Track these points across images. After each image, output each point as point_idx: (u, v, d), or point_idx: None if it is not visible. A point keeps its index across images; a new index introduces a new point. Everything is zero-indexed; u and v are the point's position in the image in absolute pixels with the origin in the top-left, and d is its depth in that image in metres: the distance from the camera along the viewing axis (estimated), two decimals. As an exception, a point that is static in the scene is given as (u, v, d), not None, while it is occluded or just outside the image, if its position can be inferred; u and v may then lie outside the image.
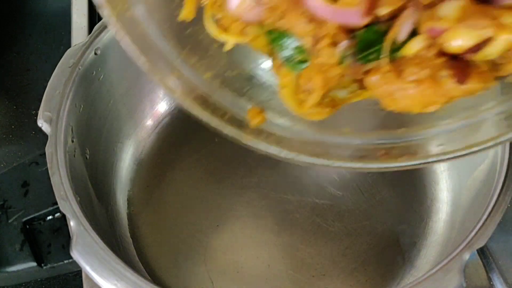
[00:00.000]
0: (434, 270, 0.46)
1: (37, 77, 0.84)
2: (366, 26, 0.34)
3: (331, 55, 0.35)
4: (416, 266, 0.60)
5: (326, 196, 0.66)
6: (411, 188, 0.67)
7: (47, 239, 0.65)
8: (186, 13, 0.39)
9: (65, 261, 0.65)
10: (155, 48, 0.41)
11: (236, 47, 0.41)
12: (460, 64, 0.33)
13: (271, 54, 0.40)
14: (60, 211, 0.50)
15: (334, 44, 0.34)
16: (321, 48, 0.35)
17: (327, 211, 0.64)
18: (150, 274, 0.60)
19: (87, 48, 0.60)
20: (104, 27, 0.60)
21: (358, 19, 0.32)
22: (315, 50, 0.35)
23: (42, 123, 0.56)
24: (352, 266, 0.60)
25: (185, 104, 0.41)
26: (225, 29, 0.39)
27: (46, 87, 0.58)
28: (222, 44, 0.41)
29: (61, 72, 0.59)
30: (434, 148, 0.41)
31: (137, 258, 0.61)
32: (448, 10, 0.31)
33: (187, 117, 0.41)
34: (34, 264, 0.64)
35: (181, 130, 0.70)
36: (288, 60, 0.38)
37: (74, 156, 0.57)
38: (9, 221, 0.65)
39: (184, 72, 0.42)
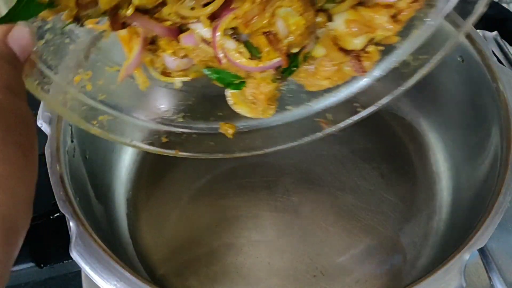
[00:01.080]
0: (434, 271, 0.46)
1: (36, 77, 0.84)
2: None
3: (265, 78, 0.44)
4: (416, 266, 0.60)
5: (326, 196, 0.66)
6: (411, 188, 0.67)
7: (46, 240, 0.65)
8: (142, 83, 0.46)
9: (65, 262, 0.65)
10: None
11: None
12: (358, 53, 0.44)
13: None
14: (59, 211, 0.50)
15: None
16: (254, 74, 0.43)
17: (327, 211, 0.64)
18: (150, 274, 0.60)
19: (86, 48, 0.60)
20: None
21: (280, 64, 0.42)
22: (249, 75, 0.44)
23: (41, 123, 0.56)
24: (352, 266, 0.60)
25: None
26: (168, 74, 0.47)
27: (45, 87, 0.58)
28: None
29: (61, 72, 0.58)
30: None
31: (136, 259, 0.61)
32: (337, 24, 0.42)
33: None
34: (33, 264, 0.64)
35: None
36: (228, 85, 0.46)
37: (74, 156, 0.57)
38: (8, 221, 0.65)
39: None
